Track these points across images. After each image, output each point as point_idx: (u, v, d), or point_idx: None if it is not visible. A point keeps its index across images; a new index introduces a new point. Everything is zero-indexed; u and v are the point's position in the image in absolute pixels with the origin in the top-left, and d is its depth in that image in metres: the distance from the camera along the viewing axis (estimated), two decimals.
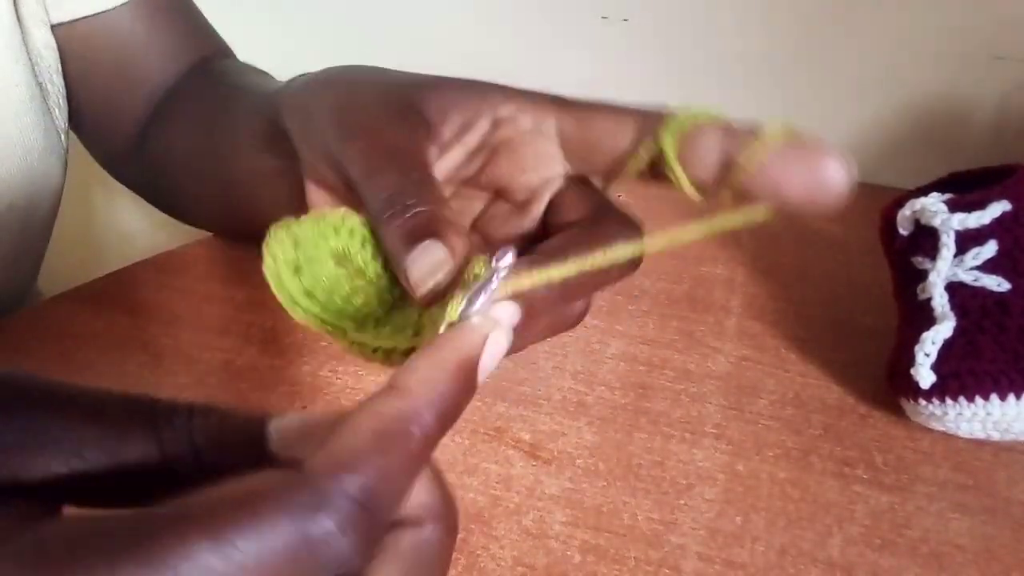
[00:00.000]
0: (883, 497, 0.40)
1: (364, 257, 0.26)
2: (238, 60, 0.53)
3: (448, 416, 0.19)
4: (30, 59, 0.45)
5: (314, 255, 0.25)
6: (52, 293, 0.55)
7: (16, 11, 0.44)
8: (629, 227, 0.26)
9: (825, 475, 0.41)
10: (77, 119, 0.50)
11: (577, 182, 0.28)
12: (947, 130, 0.68)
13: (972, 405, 0.40)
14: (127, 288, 0.55)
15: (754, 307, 0.53)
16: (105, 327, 0.51)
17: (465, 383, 0.19)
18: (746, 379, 0.47)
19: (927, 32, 0.64)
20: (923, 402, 0.41)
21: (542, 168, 0.27)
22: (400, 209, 0.24)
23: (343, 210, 0.26)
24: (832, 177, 0.24)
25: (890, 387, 0.44)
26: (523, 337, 0.25)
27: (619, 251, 0.24)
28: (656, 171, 0.26)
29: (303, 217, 0.26)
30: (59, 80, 0.47)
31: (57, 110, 0.47)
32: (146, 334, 0.51)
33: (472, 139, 0.27)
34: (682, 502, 0.40)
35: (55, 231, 0.53)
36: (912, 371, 0.41)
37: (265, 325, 0.51)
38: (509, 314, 0.22)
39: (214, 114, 0.43)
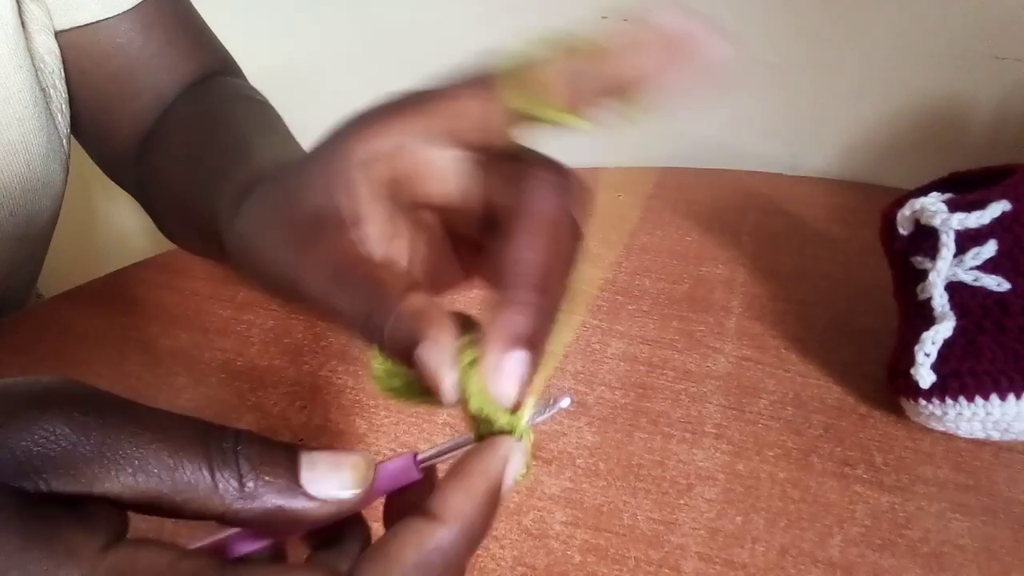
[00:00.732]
0: (883, 497, 0.40)
1: None
2: (239, 79, 0.53)
3: (479, 537, 0.21)
4: (34, 65, 0.45)
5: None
6: (52, 294, 0.55)
7: (20, 17, 0.44)
8: (553, 168, 0.25)
9: (825, 475, 0.41)
10: (77, 125, 0.50)
11: (481, 161, 0.26)
12: (947, 130, 0.67)
13: (972, 405, 0.40)
14: (127, 288, 0.55)
15: (754, 307, 0.53)
16: (105, 327, 0.51)
17: (492, 505, 0.22)
18: (746, 379, 0.47)
19: (927, 32, 0.64)
20: (923, 402, 0.41)
21: (437, 172, 0.26)
22: (377, 335, 0.24)
23: None
24: (691, 41, 0.23)
25: (890, 387, 0.44)
26: None
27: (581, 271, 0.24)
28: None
29: None
30: (62, 86, 0.47)
31: (60, 115, 0.48)
32: (146, 334, 0.51)
33: (366, 195, 0.26)
34: (682, 502, 0.40)
35: (55, 232, 0.53)
36: (912, 371, 0.41)
37: (265, 325, 0.51)
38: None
39: (191, 162, 0.43)
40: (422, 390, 0.25)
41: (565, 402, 0.25)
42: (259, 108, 0.47)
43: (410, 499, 0.23)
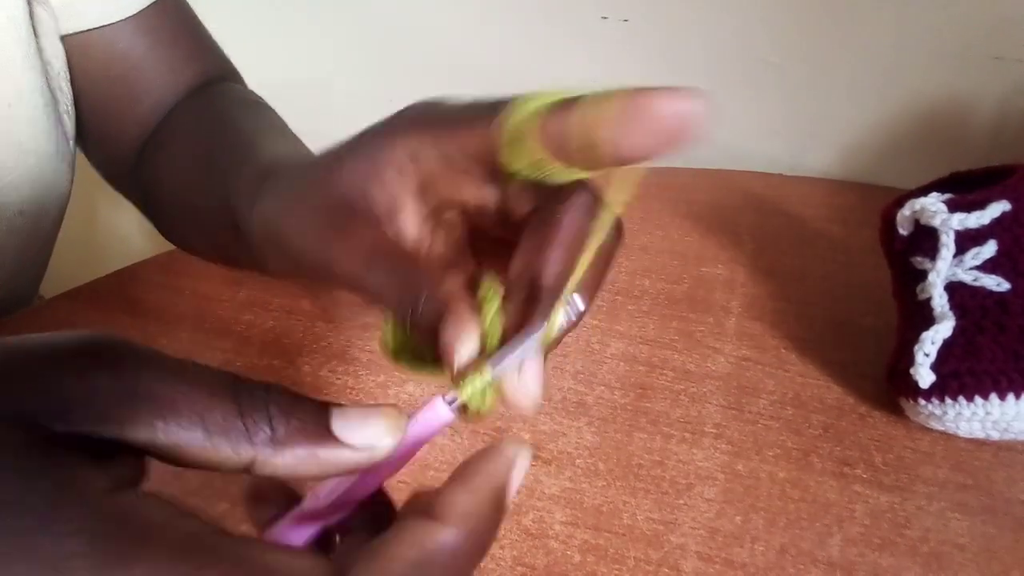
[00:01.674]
0: (883, 497, 0.40)
1: None
2: (240, 84, 0.54)
3: (485, 542, 0.21)
4: (44, 67, 0.45)
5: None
6: (52, 294, 0.55)
7: (32, 20, 0.44)
8: (583, 191, 0.26)
9: (825, 475, 0.41)
10: (79, 129, 0.50)
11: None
12: (947, 130, 0.67)
13: (972, 405, 0.40)
14: (127, 288, 0.55)
15: (754, 307, 0.53)
16: (105, 327, 0.51)
17: (498, 510, 0.22)
18: (746, 379, 0.47)
19: (927, 32, 0.64)
20: (923, 402, 0.41)
21: (473, 182, 0.27)
22: (408, 311, 0.25)
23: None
24: (673, 117, 0.22)
25: (890, 387, 0.44)
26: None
27: (597, 230, 0.24)
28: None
29: None
30: (68, 88, 0.48)
31: (67, 116, 0.48)
32: (146, 334, 0.51)
33: (403, 192, 0.27)
34: (682, 502, 0.40)
35: None
36: (912, 371, 0.41)
37: (265, 325, 0.51)
38: (534, 372, 0.24)
39: (197, 163, 0.43)
40: (427, 360, 0.27)
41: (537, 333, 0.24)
42: (262, 110, 0.48)
43: (416, 506, 0.23)
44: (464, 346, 0.24)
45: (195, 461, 0.20)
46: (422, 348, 0.27)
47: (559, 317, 0.25)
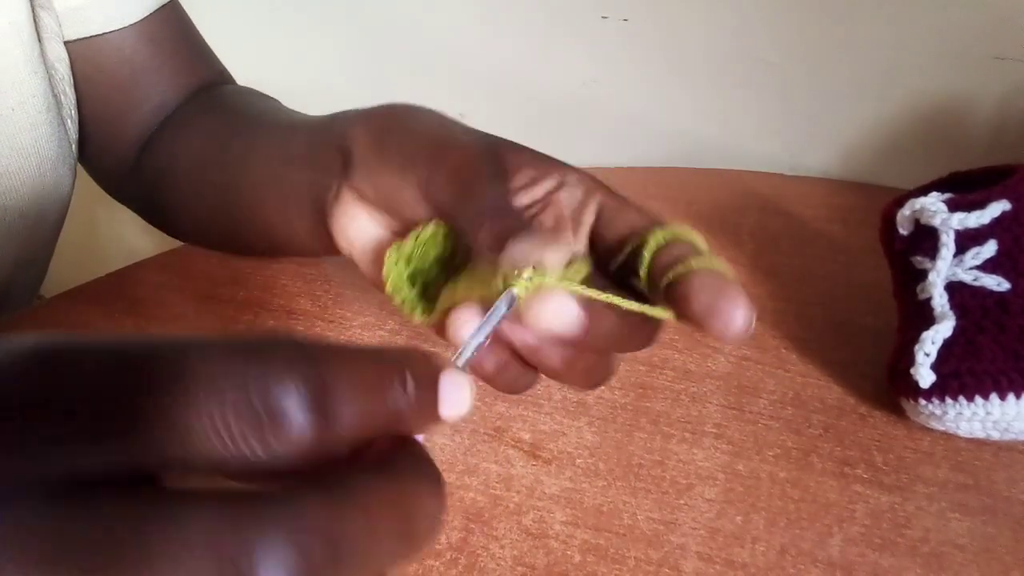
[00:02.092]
0: (883, 497, 0.40)
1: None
2: (239, 85, 0.54)
3: (426, 397, 0.19)
4: (47, 72, 0.45)
5: (419, 261, 0.32)
6: (52, 294, 0.55)
7: (35, 25, 0.44)
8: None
9: (825, 475, 0.41)
10: (80, 135, 0.51)
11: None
12: (947, 130, 0.67)
13: (972, 405, 0.40)
14: (127, 288, 0.55)
15: (754, 307, 0.53)
16: (106, 327, 0.51)
17: (429, 378, 0.20)
18: (746, 379, 0.47)
19: (927, 32, 0.64)
20: (923, 402, 0.41)
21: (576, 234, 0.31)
22: (496, 215, 0.27)
23: (431, 225, 0.31)
24: (734, 323, 0.26)
25: (890, 387, 0.44)
26: (561, 371, 0.29)
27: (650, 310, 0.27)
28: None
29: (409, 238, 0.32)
30: (71, 93, 0.48)
31: (70, 121, 0.48)
32: (146, 334, 0.51)
33: (537, 192, 0.31)
34: (682, 502, 0.40)
35: None
36: (912, 371, 0.41)
37: (265, 325, 0.51)
38: (570, 309, 0.24)
39: (229, 132, 0.45)
40: (425, 299, 0.30)
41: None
42: (273, 99, 0.49)
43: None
44: (555, 255, 0.25)
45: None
46: (424, 286, 0.31)
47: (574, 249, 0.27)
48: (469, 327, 0.26)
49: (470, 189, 0.29)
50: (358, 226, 0.34)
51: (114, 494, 0.16)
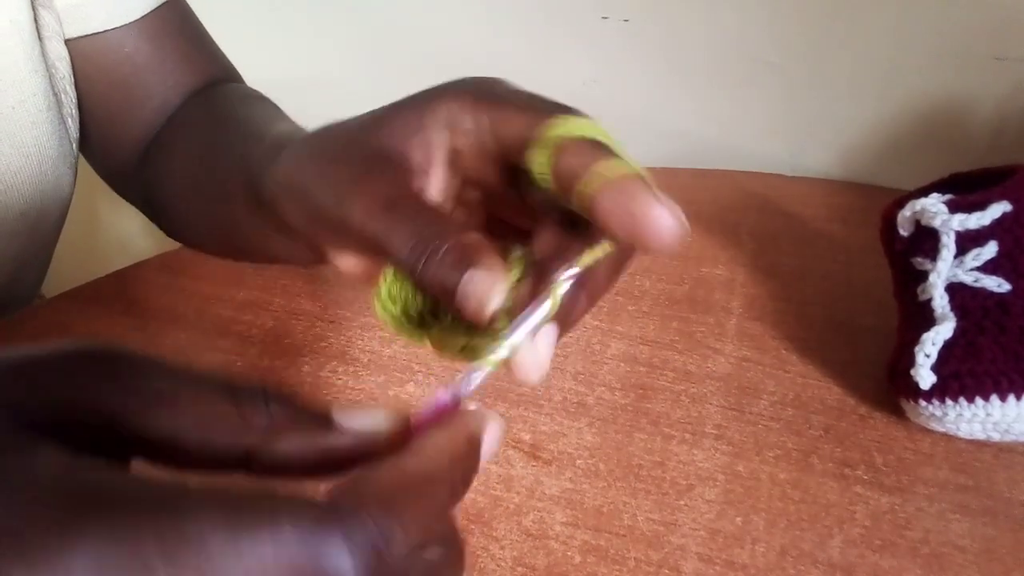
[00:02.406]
0: (883, 498, 0.40)
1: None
2: (243, 84, 0.54)
3: (463, 479, 0.21)
4: (47, 70, 0.45)
5: (402, 296, 0.29)
6: (53, 294, 0.55)
7: (36, 23, 0.44)
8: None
9: (825, 476, 0.41)
10: (81, 132, 0.51)
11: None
12: (947, 131, 0.67)
13: (972, 406, 0.40)
14: (127, 288, 0.55)
15: (754, 308, 0.53)
16: (105, 327, 0.51)
17: (472, 455, 0.21)
18: (746, 380, 0.47)
19: (927, 32, 0.64)
20: (923, 403, 0.41)
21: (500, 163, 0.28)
22: (430, 253, 0.25)
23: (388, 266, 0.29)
24: (658, 227, 0.23)
25: (890, 388, 0.44)
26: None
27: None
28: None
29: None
30: (72, 91, 0.48)
31: (70, 120, 0.48)
32: (146, 334, 0.51)
33: (439, 154, 0.28)
34: (682, 503, 0.40)
35: None
36: (912, 372, 0.41)
37: (265, 326, 0.51)
38: (548, 341, 0.25)
39: (208, 150, 0.44)
40: (420, 323, 0.28)
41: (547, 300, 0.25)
42: (268, 104, 0.49)
43: None
44: (493, 297, 0.24)
45: (192, 456, 0.20)
46: (418, 311, 0.29)
47: (561, 291, 0.25)
48: (543, 358, 0.25)
49: (383, 231, 0.26)
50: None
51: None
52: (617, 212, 0.23)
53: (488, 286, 0.24)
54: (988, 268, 0.42)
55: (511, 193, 0.28)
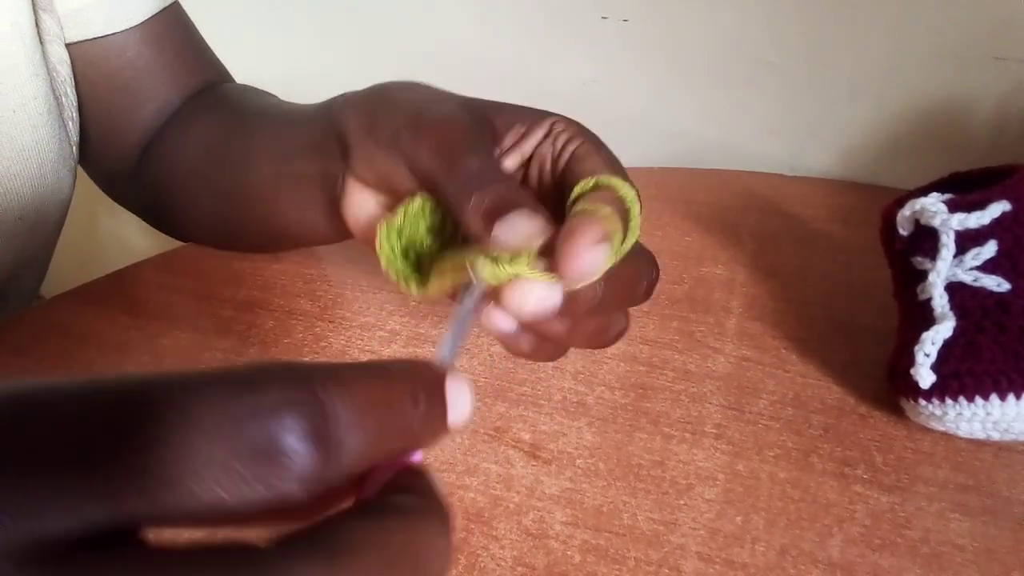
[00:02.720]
0: (883, 497, 0.40)
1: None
2: (237, 83, 0.55)
3: (428, 401, 0.19)
4: (49, 74, 0.45)
5: (410, 234, 0.33)
6: (52, 294, 0.55)
7: (37, 27, 0.44)
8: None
9: (825, 475, 0.41)
10: (82, 136, 0.51)
11: None
12: (947, 130, 0.67)
13: (972, 405, 0.40)
14: (128, 288, 0.55)
15: (754, 307, 0.53)
16: (105, 327, 0.51)
17: (435, 383, 0.20)
18: (746, 379, 0.47)
19: (927, 32, 0.64)
20: (923, 402, 0.41)
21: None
22: (481, 186, 0.28)
23: (418, 198, 0.32)
24: (575, 268, 0.26)
25: (890, 387, 0.44)
26: (568, 338, 0.31)
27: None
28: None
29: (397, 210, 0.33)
30: (73, 94, 0.48)
31: (71, 123, 0.48)
32: (146, 334, 0.51)
33: (526, 148, 0.33)
34: (682, 502, 0.40)
35: None
36: (912, 371, 0.41)
37: (265, 325, 0.51)
38: (552, 292, 0.27)
39: (229, 131, 0.46)
40: (420, 271, 0.31)
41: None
42: (265, 94, 0.49)
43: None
44: (534, 232, 0.27)
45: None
46: (416, 254, 0.32)
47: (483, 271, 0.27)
48: (534, 297, 0.27)
49: (451, 161, 0.30)
50: (365, 210, 0.35)
51: (96, 562, 0.14)
52: (564, 236, 0.26)
53: (531, 222, 0.27)
54: (988, 267, 0.42)
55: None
